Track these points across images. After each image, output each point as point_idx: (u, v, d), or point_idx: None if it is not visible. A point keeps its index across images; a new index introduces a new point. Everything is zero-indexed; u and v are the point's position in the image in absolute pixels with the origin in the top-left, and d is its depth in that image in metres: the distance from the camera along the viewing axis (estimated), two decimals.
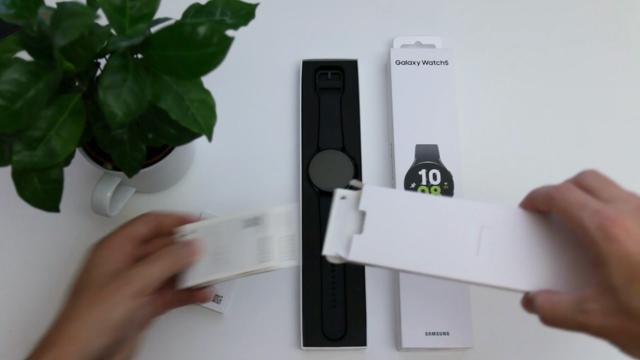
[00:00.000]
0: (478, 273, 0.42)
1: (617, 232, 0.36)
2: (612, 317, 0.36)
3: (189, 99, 0.41)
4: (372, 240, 0.43)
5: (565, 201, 0.39)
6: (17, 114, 0.37)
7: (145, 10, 0.41)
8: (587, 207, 0.38)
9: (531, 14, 0.67)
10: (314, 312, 0.54)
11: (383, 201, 0.44)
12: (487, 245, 0.42)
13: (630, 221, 0.36)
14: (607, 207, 0.37)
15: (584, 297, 0.38)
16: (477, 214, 0.43)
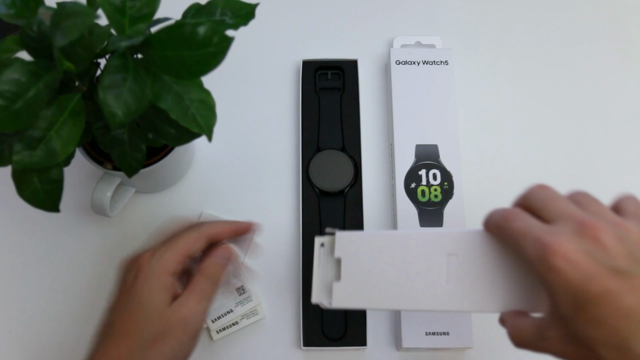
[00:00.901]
0: (450, 301, 0.42)
1: (556, 262, 0.34)
2: (569, 345, 0.35)
3: (189, 99, 0.41)
4: (350, 286, 0.44)
5: (510, 230, 0.38)
6: (17, 114, 0.37)
7: (145, 10, 0.41)
8: (528, 236, 0.36)
9: (531, 14, 0.67)
10: (314, 312, 0.54)
11: (355, 245, 0.44)
12: (455, 273, 0.41)
13: (569, 245, 0.34)
14: (546, 232, 0.35)
15: (543, 324, 0.37)
16: (442, 242, 0.42)
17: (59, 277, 0.57)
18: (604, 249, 0.34)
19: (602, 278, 0.33)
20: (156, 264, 0.44)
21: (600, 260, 0.33)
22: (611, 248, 0.34)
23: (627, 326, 0.32)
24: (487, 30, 0.66)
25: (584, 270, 0.33)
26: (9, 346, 0.55)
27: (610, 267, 0.33)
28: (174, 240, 0.45)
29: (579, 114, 0.63)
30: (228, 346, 0.55)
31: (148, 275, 0.43)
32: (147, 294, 0.43)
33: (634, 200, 0.38)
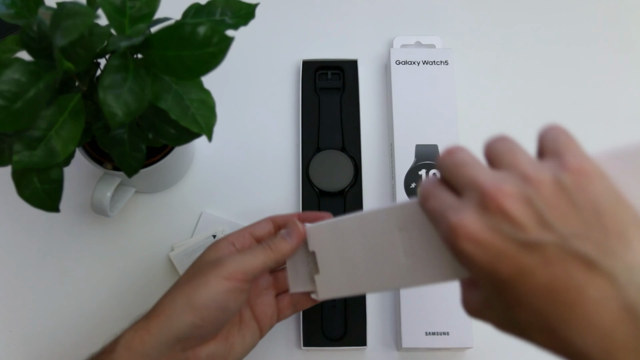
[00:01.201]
0: (409, 277, 0.40)
1: (464, 246, 0.30)
2: (505, 326, 0.32)
3: (189, 99, 0.41)
4: (330, 276, 0.45)
5: (426, 211, 0.34)
6: (17, 114, 0.37)
7: (145, 10, 0.41)
8: (440, 217, 0.32)
9: (531, 14, 0.67)
10: (314, 312, 0.54)
11: (324, 235, 0.44)
12: (409, 247, 0.40)
13: (474, 224, 0.30)
14: (453, 209, 0.31)
15: (483, 303, 0.33)
16: (392, 218, 0.40)
17: (59, 277, 0.57)
18: (510, 220, 0.29)
19: (513, 255, 0.29)
20: (219, 240, 0.47)
21: (508, 234, 0.29)
22: (517, 217, 0.29)
23: (547, 307, 0.29)
24: (487, 30, 0.66)
25: (492, 250, 0.29)
26: (9, 346, 0.55)
27: (519, 241, 0.29)
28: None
29: (579, 114, 0.63)
30: None
31: (209, 247, 0.46)
32: (201, 257, 0.46)
33: (553, 133, 0.33)
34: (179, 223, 0.58)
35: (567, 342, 0.28)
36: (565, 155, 0.31)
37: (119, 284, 0.56)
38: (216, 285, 0.42)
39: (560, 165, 0.30)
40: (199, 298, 0.41)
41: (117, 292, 0.56)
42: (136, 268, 0.57)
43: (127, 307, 0.54)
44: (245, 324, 0.47)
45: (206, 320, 0.42)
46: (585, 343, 0.28)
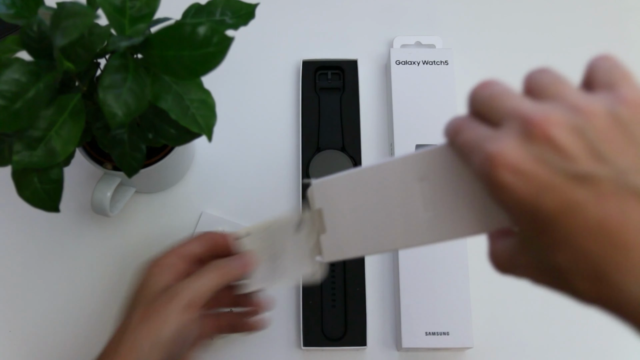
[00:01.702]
0: (430, 233, 0.37)
1: (503, 177, 0.27)
2: (540, 274, 0.30)
3: (189, 99, 0.41)
4: (337, 235, 0.41)
5: (458, 144, 0.32)
6: (17, 114, 0.37)
7: (145, 10, 0.41)
8: (475, 149, 0.29)
9: (531, 14, 0.67)
10: (314, 312, 0.54)
11: (332, 191, 0.40)
12: (430, 199, 0.36)
13: (515, 153, 0.27)
14: (489, 139, 0.28)
15: (514, 249, 0.31)
16: (412, 167, 0.37)
17: (59, 277, 0.57)
18: (559, 150, 0.26)
19: (561, 188, 0.26)
20: (150, 262, 0.44)
21: (555, 165, 0.26)
22: (567, 147, 0.26)
23: (597, 248, 0.26)
24: (487, 31, 0.66)
25: (537, 182, 0.26)
26: (9, 346, 0.55)
27: (569, 173, 0.26)
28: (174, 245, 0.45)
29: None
30: (228, 346, 0.55)
31: (142, 273, 0.44)
32: (140, 284, 0.43)
33: (607, 64, 0.29)
34: (179, 223, 0.58)
35: (617, 288, 0.26)
36: (622, 87, 0.28)
37: (119, 283, 0.56)
38: (178, 318, 0.40)
39: (615, 97, 0.27)
40: (164, 337, 0.40)
41: (117, 292, 0.56)
42: (136, 268, 0.57)
43: None
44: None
45: (173, 354, 0.41)
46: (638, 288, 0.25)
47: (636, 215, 0.25)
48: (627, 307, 0.26)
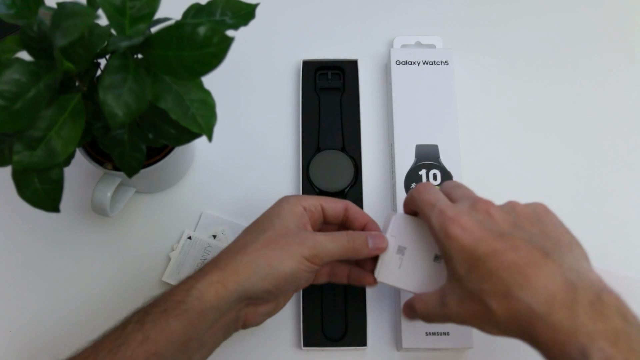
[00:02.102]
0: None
1: (454, 230, 0.41)
2: (464, 304, 0.41)
3: (189, 99, 0.41)
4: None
5: (421, 201, 0.45)
6: (17, 114, 0.37)
7: (145, 11, 0.41)
8: (434, 208, 0.43)
9: (531, 14, 0.67)
10: (314, 312, 0.54)
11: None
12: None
13: (465, 218, 0.41)
14: (449, 207, 0.42)
15: (444, 292, 0.43)
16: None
17: (59, 277, 0.57)
18: (492, 219, 0.41)
19: (489, 240, 0.40)
20: (293, 198, 0.48)
21: (488, 227, 0.40)
22: (498, 218, 0.41)
23: (509, 276, 0.38)
24: (488, 31, 0.66)
25: (475, 235, 0.40)
26: (9, 346, 0.55)
27: (496, 232, 0.40)
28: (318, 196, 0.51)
29: (579, 114, 0.63)
30: (228, 346, 0.55)
31: (281, 202, 0.47)
32: (275, 211, 0.47)
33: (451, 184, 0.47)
34: (179, 223, 0.58)
35: (519, 300, 0.37)
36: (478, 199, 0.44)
37: (119, 283, 0.56)
38: (299, 264, 0.44)
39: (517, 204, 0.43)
40: (282, 272, 0.43)
41: (117, 292, 0.56)
42: (136, 268, 0.57)
43: (127, 307, 0.53)
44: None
45: (280, 290, 0.44)
46: (533, 300, 0.37)
47: (537, 259, 0.38)
48: (524, 316, 0.37)
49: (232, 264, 0.43)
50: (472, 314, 0.41)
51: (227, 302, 0.42)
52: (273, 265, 0.43)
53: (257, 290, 0.43)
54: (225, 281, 0.42)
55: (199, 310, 0.41)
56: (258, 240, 0.45)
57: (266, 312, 0.47)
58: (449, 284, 0.43)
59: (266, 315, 0.47)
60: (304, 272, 0.44)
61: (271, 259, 0.43)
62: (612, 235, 0.59)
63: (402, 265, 0.47)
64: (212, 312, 0.42)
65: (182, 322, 0.41)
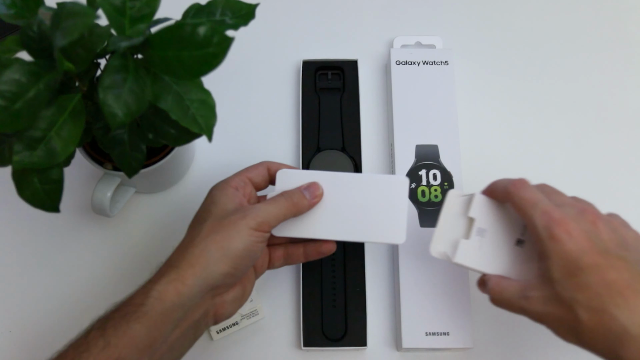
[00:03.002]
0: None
1: (560, 233, 0.41)
2: (549, 305, 0.41)
3: (189, 99, 0.41)
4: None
5: (519, 197, 0.44)
6: (17, 114, 0.37)
7: (145, 11, 0.41)
8: (537, 207, 0.43)
9: (531, 14, 0.67)
10: (314, 313, 0.54)
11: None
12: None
13: (572, 224, 0.41)
14: (555, 209, 0.42)
15: (528, 286, 0.43)
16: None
17: (59, 277, 0.57)
18: (599, 233, 0.41)
19: (594, 253, 0.40)
20: (220, 183, 0.48)
21: (594, 240, 0.41)
22: (604, 234, 0.42)
23: (607, 293, 0.39)
24: (487, 31, 0.66)
25: (580, 244, 0.40)
26: (9, 346, 0.55)
27: (601, 247, 0.41)
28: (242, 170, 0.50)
29: (578, 114, 0.63)
30: (228, 346, 0.55)
31: (211, 191, 0.48)
32: (209, 201, 0.47)
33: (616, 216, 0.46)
34: (179, 223, 0.58)
35: (613, 317, 0.38)
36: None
37: (119, 283, 0.56)
38: (249, 236, 0.44)
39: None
40: (234, 249, 0.43)
41: (117, 292, 0.56)
42: (136, 268, 0.57)
43: None
44: (250, 269, 0.49)
45: (238, 269, 0.44)
46: (629, 321, 0.38)
47: (636, 284, 0.39)
48: (614, 334, 0.38)
49: (185, 259, 0.43)
50: (554, 317, 0.41)
51: (189, 298, 0.42)
52: (224, 246, 0.43)
53: (217, 277, 0.43)
54: (183, 277, 0.42)
55: (160, 310, 0.41)
56: (203, 230, 0.45)
57: (234, 299, 0.46)
58: (537, 280, 0.43)
59: (235, 303, 0.47)
60: (256, 244, 0.44)
61: (220, 242, 0.43)
62: None
63: (481, 247, 0.47)
64: (175, 310, 0.42)
65: (143, 325, 0.41)
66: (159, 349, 0.41)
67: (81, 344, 0.41)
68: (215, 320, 0.46)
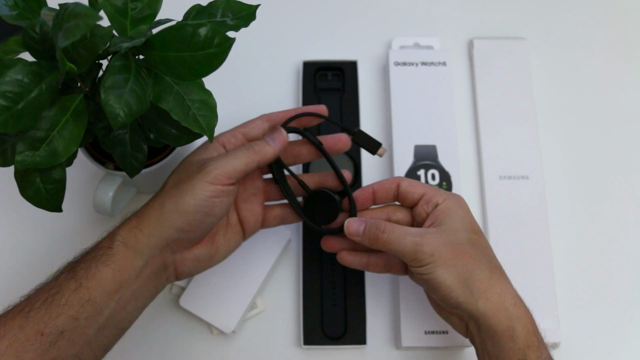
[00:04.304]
0: None
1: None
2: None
3: (190, 100, 0.41)
4: None
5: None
6: (19, 114, 0.38)
7: (146, 12, 0.42)
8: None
9: (529, 14, 0.67)
10: (314, 311, 0.55)
11: None
12: None
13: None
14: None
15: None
16: None
17: None
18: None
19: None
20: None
21: None
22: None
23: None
24: (485, 31, 0.66)
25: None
26: None
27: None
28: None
29: (577, 113, 0.63)
30: (228, 345, 0.55)
31: (199, 146, 0.47)
32: (188, 158, 0.47)
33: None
34: None
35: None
36: None
37: None
38: (202, 191, 0.43)
39: None
40: (186, 204, 0.43)
41: None
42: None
43: None
44: (231, 227, 0.48)
45: (193, 225, 0.43)
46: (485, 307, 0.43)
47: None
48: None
49: (146, 210, 0.44)
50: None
51: (147, 247, 0.43)
52: (178, 200, 0.43)
53: (170, 231, 0.43)
54: (141, 225, 0.43)
55: (124, 254, 0.42)
56: (167, 184, 0.45)
57: (196, 258, 0.46)
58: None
59: (198, 263, 0.46)
60: (211, 199, 0.43)
61: (175, 196, 0.43)
62: (615, 237, 0.59)
63: None
64: (136, 257, 0.42)
65: (110, 268, 0.42)
66: (124, 295, 0.42)
67: (52, 287, 0.41)
68: (177, 276, 0.46)
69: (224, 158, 0.44)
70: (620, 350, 0.56)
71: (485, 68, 0.63)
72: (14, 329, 0.40)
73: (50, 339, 0.39)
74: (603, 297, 0.57)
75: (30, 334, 0.39)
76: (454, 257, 0.43)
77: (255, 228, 0.50)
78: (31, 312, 0.40)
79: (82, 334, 0.40)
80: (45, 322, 0.40)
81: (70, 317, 0.40)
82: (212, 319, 0.54)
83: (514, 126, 0.60)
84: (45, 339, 0.39)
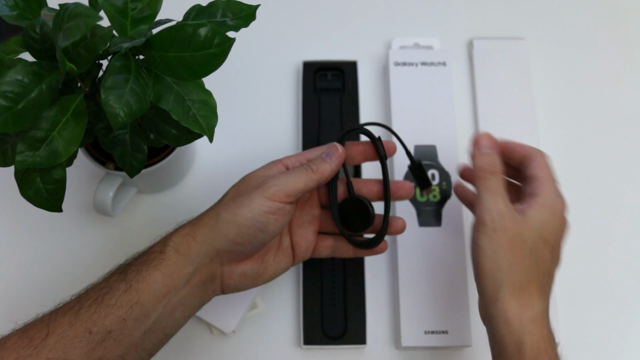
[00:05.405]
0: None
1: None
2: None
3: (191, 100, 0.41)
4: None
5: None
6: (20, 114, 0.38)
7: (147, 12, 0.42)
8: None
9: (528, 14, 0.67)
10: (314, 311, 0.55)
11: None
12: None
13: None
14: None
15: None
16: None
17: (61, 277, 0.57)
18: None
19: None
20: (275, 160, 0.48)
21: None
22: None
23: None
24: (485, 31, 0.66)
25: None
26: None
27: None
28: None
29: (577, 113, 0.64)
30: (228, 344, 0.55)
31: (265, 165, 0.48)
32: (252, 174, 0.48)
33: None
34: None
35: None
36: None
37: None
38: (259, 205, 0.43)
39: None
40: (242, 216, 0.43)
41: None
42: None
43: None
44: (283, 250, 0.48)
45: (245, 238, 0.44)
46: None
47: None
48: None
49: (202, 218, 0.45)
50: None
51: (198, 255, 0.43)
52: (234, 212, 0.43)
53: (222, 241, 0.43)
54: (194, 233, 0.44)
55: (175, 260, 0.42)
56: (226, 196, 0.46)
57: (243, 274, 0.46)
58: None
59: (244, 279, 0.46)
60: (267, 214, 0.43)
61: (233, 208, 0.44)
62: (615, 237, 0.59)
63: None
64: (186, 263, 0.43)
65: (161, 272, 0.42)
66: (171, 300, 0.42)
67: (103, 287, 0.42)
68: (223, 289, 0.46)
69: (284, 176, 0.45)
70: (620, 350, 0.56)
71: (485, 68, 0.63)
72: (64, 325, 0.40)
73: (97, 337, 0.40)
74: (603, 297, 0.57)
75: (78, 332, 0.40)
76: (506, 250, 0.43)
77: (305, 255, 0.49)
78: (81, 310, 0.41)
79: (129, 336, 0.41)
80: (94, 321, 0.40)
81: (118, 318, 0.41)
82: (212, 318, 0.54)
83: (513, 126, 0.60)
84: (92, 338, 0.40)
